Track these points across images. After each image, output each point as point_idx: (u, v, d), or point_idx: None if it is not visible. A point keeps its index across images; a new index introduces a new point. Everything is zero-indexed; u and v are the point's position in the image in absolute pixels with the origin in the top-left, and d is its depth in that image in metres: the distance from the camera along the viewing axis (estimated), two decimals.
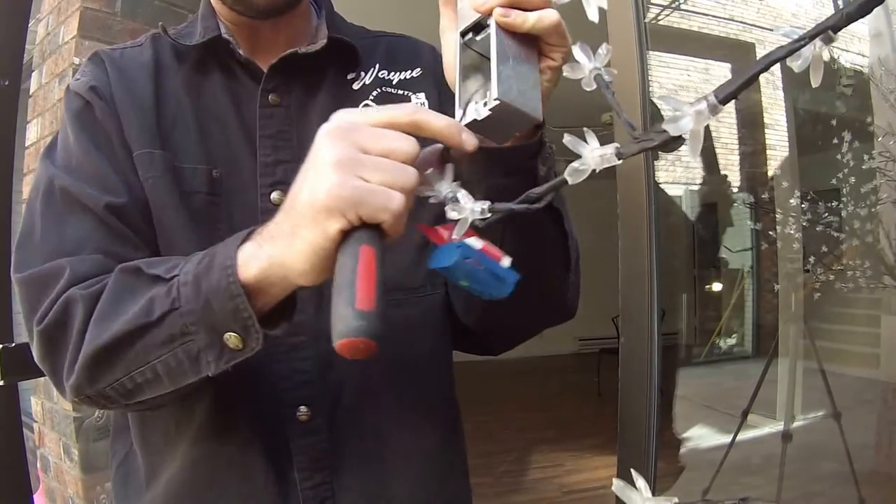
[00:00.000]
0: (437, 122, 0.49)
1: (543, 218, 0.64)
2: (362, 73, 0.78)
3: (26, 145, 2.04)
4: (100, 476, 1.87)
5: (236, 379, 0.65)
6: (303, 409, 0.69)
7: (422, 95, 0.78)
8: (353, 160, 0.47)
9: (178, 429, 0.70)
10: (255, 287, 0.52)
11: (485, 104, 0.48)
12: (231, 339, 0.54)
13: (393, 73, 0.80)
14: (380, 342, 0.44)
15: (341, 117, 0.50)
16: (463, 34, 0.54)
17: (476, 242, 0.49)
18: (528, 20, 0.51)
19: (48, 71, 1.95)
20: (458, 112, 0.51)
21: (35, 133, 2.03)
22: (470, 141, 0.50)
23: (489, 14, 0.51)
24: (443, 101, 0.77)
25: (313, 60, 0.74)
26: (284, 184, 0.71)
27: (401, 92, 0.78)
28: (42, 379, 2.05)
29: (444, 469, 0.78)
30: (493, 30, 0.51)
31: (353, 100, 0.77)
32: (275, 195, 0.71)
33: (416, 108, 0.50)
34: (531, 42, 0.53)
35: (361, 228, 0.47)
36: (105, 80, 0.72)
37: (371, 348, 0.45)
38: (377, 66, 0.79)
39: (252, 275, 0.52)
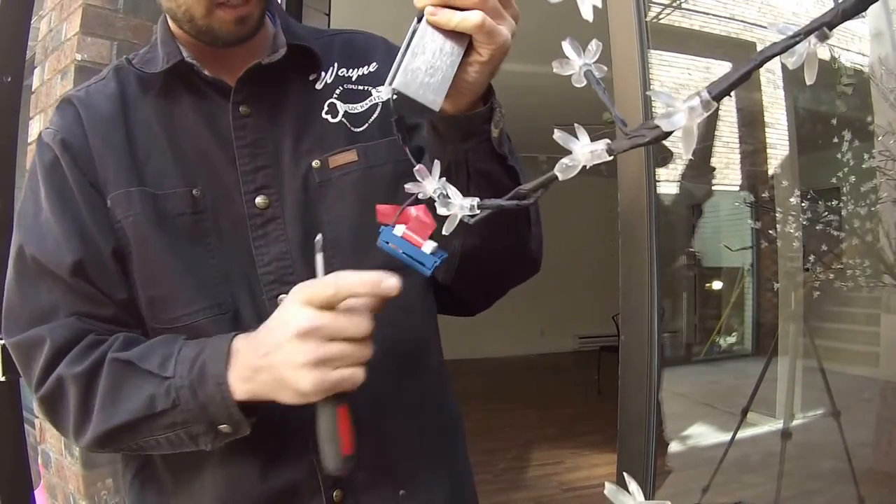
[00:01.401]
0: (363, 290, 0.61)
1: (501, 176, 0.72)
2: (323, 73, 0.83)
3: (28, 142, 2.05)
4: (101, 472, 1.87)
5: None
6: None
7: (381, 88, 0.82)
8: (325, 357, 0.61)
9: None
10: (245, 401, 0.65)
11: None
12: (224, 428, 0.67)
13: (352, 70, 0.84)
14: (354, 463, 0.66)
15: (294, 310, 0.62)
16: (419, 19, 0.61)
17: (398, 229, 0.61)
18: (453, 19, 0.58)
19: (50, 67, 1.95)
20: (386, 89, 0.59)
21: (37, 129, 2.03)
22: (389, 285, 0.61)
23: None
24: None
25: (276, 68, 0.78)
26: (266, 188, 0.77)
27: (361, 87, 0.83)
28: None
29: (440, 435, 0.85)
30: (420, 25, 0.59)
31: (317, 99, 0.81)
32: (259, 199, 0.76)
33: (335, 283, 0.61)
34: (462, 38, 0.60)
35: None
36: (77, 127, 0.76)
37: (346, 473, 0.66)
38: (336, 64, 0.84)
39: (242, 398, 0.65)
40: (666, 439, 2.17)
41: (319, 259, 0.65)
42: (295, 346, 0.61)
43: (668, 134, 0.30)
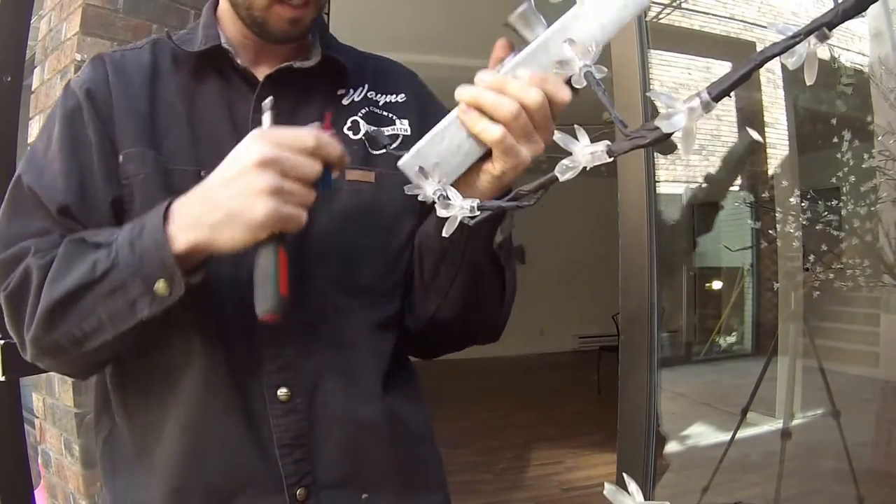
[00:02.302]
0: (333, 153, 0.64)
1: (489, 274, 0.78)
2: (351, 91, 0.85)
3: (28, 142, 2.04)
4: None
5: (223, 359, 0.74)
6: (283, 389, 0.75)
7: (405, 122, 0.86)
8: (281, 189, 0.61)
9: (161, 405, 0.76)
10: (182, 254, 0.64)
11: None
12: (160, 286, 0.64)
13: (380, 95, 0.87)
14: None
15: (260, 142, 0.62)
16: None
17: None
18: (476, 126, 0.59)
19: (50, 67, 1.95)
20: (420, 142, 0.61)
21: (37, 129, 2.03)
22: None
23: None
24: (424, 126, 0.85)
25: (306, 74, 0.81)
26: None
27: (386, 114, 0.86)
28: (43, 375, 2.06)
29: (407, 444, 0.86)
30: (452, 113, 0.60)
31: (341, 113, 0.84)
32: None
33: (319, 142, 0.63)
34: (483, 143, 0.61)
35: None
36: (104, 83, 0.78)
37: (278, 319, 0.64)
38: (366, 86, 0.87)
39: (181, 249, 0.63)
40: (662, 433, 2.17)
41: (267, 117, 0.67)
42: (254, 175, 0.61)
43: (669, 135, 0.30)
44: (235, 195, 0.61)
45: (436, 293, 0.81)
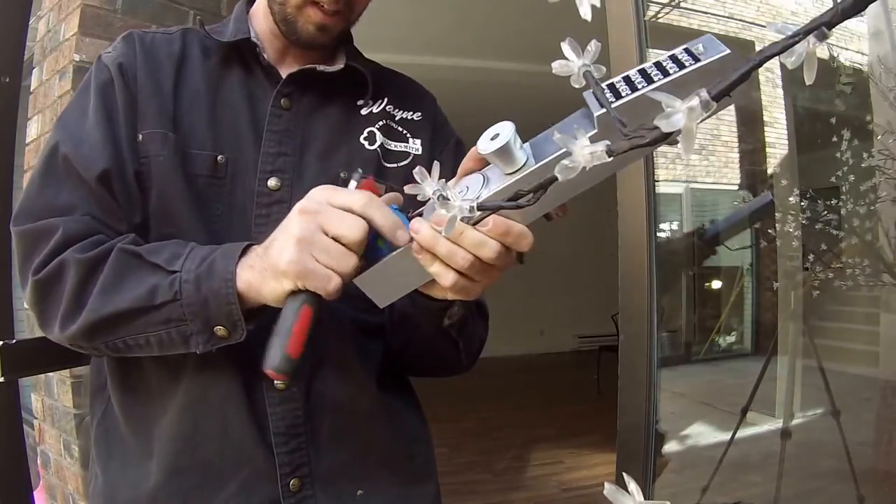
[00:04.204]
0: (380, 219, 0.60)
1: (441, 347, 0.82)
2: (370, 102, 0.88)
3: (27, 142, 2.04)
4: None
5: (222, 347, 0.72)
6: None
7: (418, 142, 0.89)
8: (311, 240, 0.60)
9: (161, 388, 0.77)
10: (241, 296, 0.65)
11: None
12: (220, 330, 0.66)
13: (398, 111, 0.89)
14: (291, 377, 0.62)
15: (313, 195, 0.62)
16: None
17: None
18: (429, 267, 0.59)
19: (49, 68, 1.95)
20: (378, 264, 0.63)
21: (35, 130, 2.03)
22: (402, 237, 0.60)
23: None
24: (434, 147, 0.90)
25: (328, 79, 0.84)
26: (282, 172, 0.80)
27: (401, 129, 0.89)
28: (42, 376, 2.06)
29: (404, 443, 0.88)
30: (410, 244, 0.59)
31: (359, 123, 0.86)
32: (271, 181, 0.80)
33: (368, 202, 0.61)
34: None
35: (307, 290, 0.62)
36: (132, 60, 0.80)
37: (284, 380, 0.67)
38: (386, 100, 0.89)
39: (241, 287, 0.64)
40: (660, 431, 2.17)
41: (352, 185, 0.66)
42: (293, 222, 0.61)
43: (668, 135, 0.30)
44: (279, 238, 0.62)
45: (399, 338, 0.84)
